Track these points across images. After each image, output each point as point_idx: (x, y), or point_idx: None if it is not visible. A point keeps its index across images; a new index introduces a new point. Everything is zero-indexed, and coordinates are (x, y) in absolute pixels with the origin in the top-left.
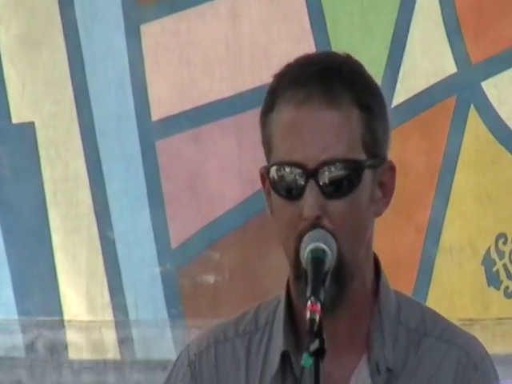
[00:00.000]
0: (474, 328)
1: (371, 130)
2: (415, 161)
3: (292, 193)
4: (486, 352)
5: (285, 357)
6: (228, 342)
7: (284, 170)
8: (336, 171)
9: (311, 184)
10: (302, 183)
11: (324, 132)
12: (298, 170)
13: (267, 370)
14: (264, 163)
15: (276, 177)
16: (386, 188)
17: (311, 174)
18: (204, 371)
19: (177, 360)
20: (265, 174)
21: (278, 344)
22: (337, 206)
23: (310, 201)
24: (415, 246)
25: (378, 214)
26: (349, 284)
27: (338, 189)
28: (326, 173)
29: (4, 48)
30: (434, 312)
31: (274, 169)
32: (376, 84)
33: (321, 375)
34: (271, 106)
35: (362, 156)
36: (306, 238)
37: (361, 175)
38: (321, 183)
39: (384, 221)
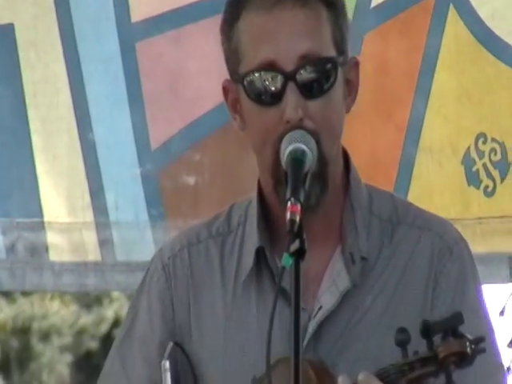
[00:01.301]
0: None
1: (338, 27)
2: (395, 60)
3: (271, 97)
4: (460, 235)
5: (259, 253)
6: (201, 244)
7: (261, 75)
8: (314, 70)
9: (291, 85)
10: (282, 86)
11: (298, 32)
12: (277, 73)
13: (242, 267)
14: None
15: (253, 83)
16: (352, 84)
17: (290, 75)
18: (178, 273)
19: (150, 264)
20: (232, 86)
21: (252, 241)
22: (316, 105)
23: (292, 102)
24: (395, 145)
25: (348, 110)
26: (330, 182)
27: (316, 88)
28: (305, 73)
29: None
30: (405, 201)
31: (250, 76)
32: None
33: (284, 274)
34: (236, 15)
35: (333, 53)
36: (285, 139)
37: (337, 72)
38: (300, 83)
39: (364, 120)
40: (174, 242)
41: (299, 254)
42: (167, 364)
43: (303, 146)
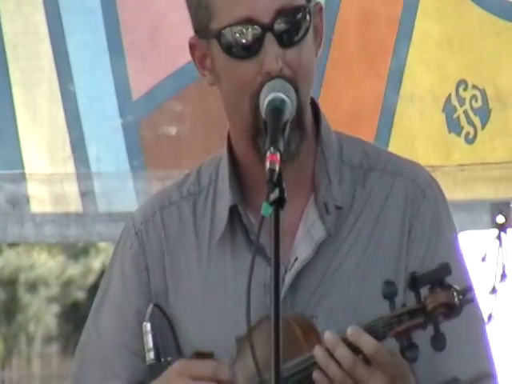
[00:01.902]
0: (436, 174)
1: None
2: (376, 8)
3: (249, 50)
4: (432, 177)
5: (233, 211)
6: (173, 206)
7: (238, 29)
8: (290, 20)
9: (269, 36)
10: (260, 37)
11: None
12: (254, 26)
13: (215, 226)
14: None
15: (229, 38)
16: (317, 30)
17: (267, 26)
18: (152, 238)
19: (122, 232)
20: (200, 43)
21: (225, 199)
22: (293, 53)
23: (272, 53)
24: (376, 94)
25: (316, 55)
26: (307, 129)
27: (293, 36)
28: (281, 23)
29: None
30: (376, 146)
31: (226, 31)
32: None
33: (255, 228)
34: None
35: (303, 1)
36: (265, 88)
37: (310, 20)
38: (277, 34)
39: (345, 69)
40: (146, 206)
41: (279, 203)
42: (148, 326)
43: (283, 95)
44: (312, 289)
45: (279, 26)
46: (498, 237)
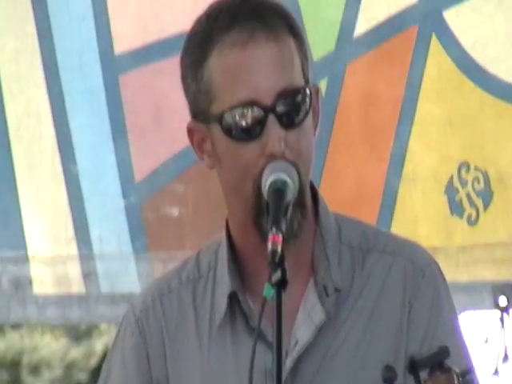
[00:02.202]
0: (438, 256)
1: (304, 55)
2: (378, 90)
3: (251, 132)
4: (431, 257)
5: (232, 298)
6: (173, 293)
7: (240, 112)
8: (291, 102)
9: (271, 119)
10: (262, 120)
11: (272, 66)
12: (256, 108)
13: (215, 313)
14: None
15: (231, 121)
16: (315, 111)
17: (270, 108)
18: (152, 326)
19: (123, 320)
20: (198, 127)
21: (224, 286)
22: (294, 136)
23: (275, 135)
24: (379, 175)
25: (315, 138)
26: (308, 209)
27: (294, 118)
28: (284, 105)
29: None
30: (375, 228)
31: (227, 114)
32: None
33: (258, 308)
34: (205, 54)
35: (303, 83)
36: (267, 170)
37: (311, 101)
38: (280, 116)
39: (347, 151)
40: (146, 294)
41: (281, 285)
42: None
43: (285, 177)
44: (312, 373)
45: (281, 107)
46: (501, 318)
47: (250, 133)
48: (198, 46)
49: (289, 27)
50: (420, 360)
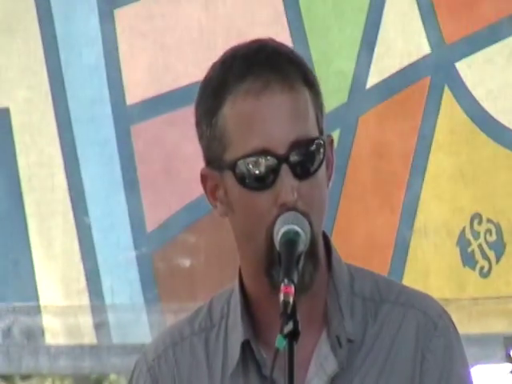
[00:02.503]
0: (450, 308)
1: (319, 106)
2: (390, 142)
3: (264, 182)
4: (443, 309)
5: (245, 347)
6: (185, 342)
7: (253, 160)
8: (305, 152)
9: (284, 168)
10: (275, 169)
11: (287, 116)
12: (269, 157)
13: (228, 361)
14: None
15: (244, 170)
16: (329, 162)
17: (283, 158)
18: (164, 374)
19: (134, 368)
20: (211, 174)
21: (237, 335)
22: (306, 186)
23: (287, 185)
24: (390, 227)
25: (328, 188)
26: (321, 261)
27: (308, 169)
28: (297, 155)
29: None
30: (387, 278)
31: (241, 162)
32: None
33: (270, 359)
34: (219, 102)
35: (317, 133)
36: (279, 221)
37: (325, 152)
38: (293, 166)
39: (359, 202)
40: (158, 342)
41: (293, 336)
42: None
43: (296, 228)
44: None
45: (294, 157)
46: None
47: (263, 182)
48: (213, 93)
49: (304, 78)
50: None
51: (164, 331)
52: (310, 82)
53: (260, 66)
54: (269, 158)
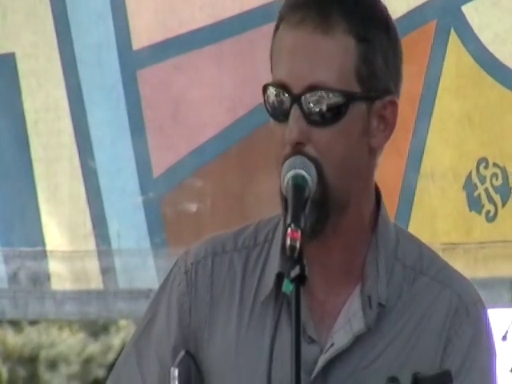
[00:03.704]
0: (457, 252)
1: (368, 62)
2: None
3: (279, 115)
4: (480, 298)
5: (280, 278)
6: (225, 255)
7: (273, 91)
8: (320, 99)
9: (295, 108)
10: (288, 106)
11: (313, 57)
12: (285, 93)
13: (262, 287)
14: (244, 90)
15: (267, 97)
16: (386, 121)
17: (296, 97)
18: (199, 281)
19: (174, 265)
20: None
21: (275, 264)
22: (321, 134)
23: (291, 125)
24: (397, 172)
25: (376, 146)
26: (334, 212)
27: (322, 117)
28: (310, 99)
29: None
30: (432, 251)
31: (268, 88)
32: (386, 18)
33: (304, 301)
34: (277, 25)
35: (355, 88)
36: (286, 165)
37: (347, 106)
38: (304, 108)
39: None
40: (200, 247)
41: (300, 281)
42: (176, 372)
43: (303, 172)
44: (343, 377)
45: (307, 102)
46: None
47: (279, 115)
48: (278, 15)
49: (352, 28)
50: (423, 379)
51: (208, 239)
52: (359, 34)
53: (309, 1)
54: (284, 93)
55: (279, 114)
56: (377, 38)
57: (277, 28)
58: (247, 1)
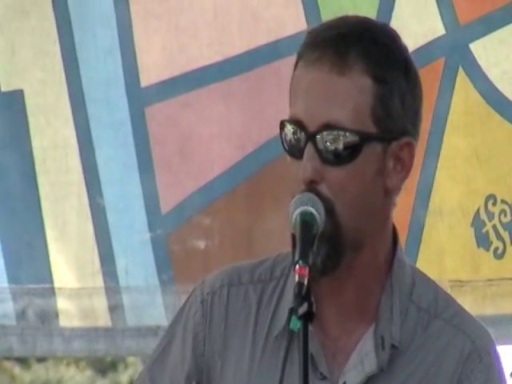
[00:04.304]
0: (465, 289)
1: (385, 103)
2: None
3: (295, 152)
4: (494, 344)
5: (292, 313)
6: (241, 286)
7: (290, 128)
8: (335, 137)
9: (309, 146)
10: (303, 144)
11: (329, 96)
12: (300, 130)
13: (276, 322)
14: (252, 127)
15: (284, 134)
16: (402, 162)
17: (311, 135)
18: (215, 311)
19: (191, 294)
20: None
21: (289, 299)
22: (335, 173)
23: (306, 162)
24: (405, 208)
25: (391, 187)
26: (347, 251)
27: (336, 156)
28: (325, 137)
29: None
30: (448, 295)
31: (283, 125)
32: (405, 59)
33: (317, 337)
34: (296, 62)
35: (370, 128)
36: (294, 202)
37: (362, 146)
38: (319, 147)
39: None
40: (216, 278)
41: (307, 318)
42: None
43: (311, 209)
44: None
45: (322, 140)
46: None
47: (294, 151)
48: (297, 54)
49: (369, 68)
50: None
51: (226, 269)
52: (376, 75)
53: (325, 39)
54: (299, 130)
55: (295, 151)
56: (394, 79)
57: (296, 65)
58: (255, 38)
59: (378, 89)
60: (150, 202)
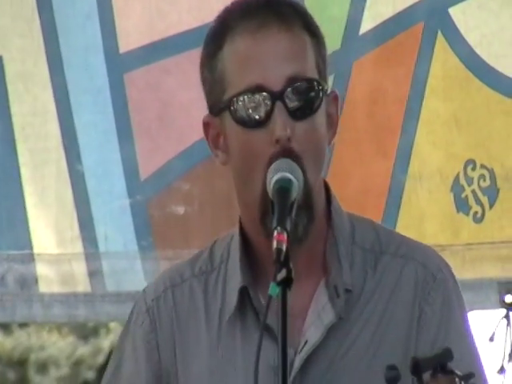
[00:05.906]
0: (444, 254)
1: (321, 57)
2: (384, 88)
3: (259, 119)
4: (444, 261)
5: (243, 292)
6: (185, 283)
7: (249, 97)
8: (301, 90)
9: (279, 105)
10: (270, 105)
11: (284, 55)
12: (264, 94)
13: (226, 306)
14: None
15: (240, 106)
16: (332, 118)
17: (278, 95)
18: (163, 315)
19: (134, 307)
20: (213, 121)
21: (236, 281)
22: (302, 127)
23: (281, 121)
24: (384, 172)
25: (328, 143)
26: (315, 211)
27: (303, 109)
28: (292, 93)
29: None
30: (388, 229)
31: (237, 99)
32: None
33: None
34: (219, 44)
35: (317, 76)
36: (271, 169)
37: (322, 94)
38: (287, 103)
39: (353, 148)
40: (158, 282)
41: (286, 283)
42: None
43: (289, 175)
44: (321, 372)
45: (290, 95)
46: (506, 316)
47: (259, 119)
48: (213, 36)
49: (305, 24)
50: (422, 360)
51: (164, 272)
52: (311, 30)
53: (258, 8)
54: (264, 94)
55: (256, 118)
56: (317, 32)
57: (219, 45)
58: None
59: (315, 43)
60: (129, 167)
